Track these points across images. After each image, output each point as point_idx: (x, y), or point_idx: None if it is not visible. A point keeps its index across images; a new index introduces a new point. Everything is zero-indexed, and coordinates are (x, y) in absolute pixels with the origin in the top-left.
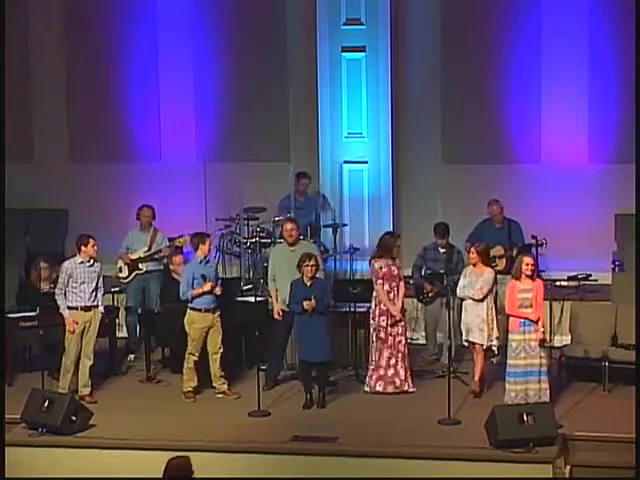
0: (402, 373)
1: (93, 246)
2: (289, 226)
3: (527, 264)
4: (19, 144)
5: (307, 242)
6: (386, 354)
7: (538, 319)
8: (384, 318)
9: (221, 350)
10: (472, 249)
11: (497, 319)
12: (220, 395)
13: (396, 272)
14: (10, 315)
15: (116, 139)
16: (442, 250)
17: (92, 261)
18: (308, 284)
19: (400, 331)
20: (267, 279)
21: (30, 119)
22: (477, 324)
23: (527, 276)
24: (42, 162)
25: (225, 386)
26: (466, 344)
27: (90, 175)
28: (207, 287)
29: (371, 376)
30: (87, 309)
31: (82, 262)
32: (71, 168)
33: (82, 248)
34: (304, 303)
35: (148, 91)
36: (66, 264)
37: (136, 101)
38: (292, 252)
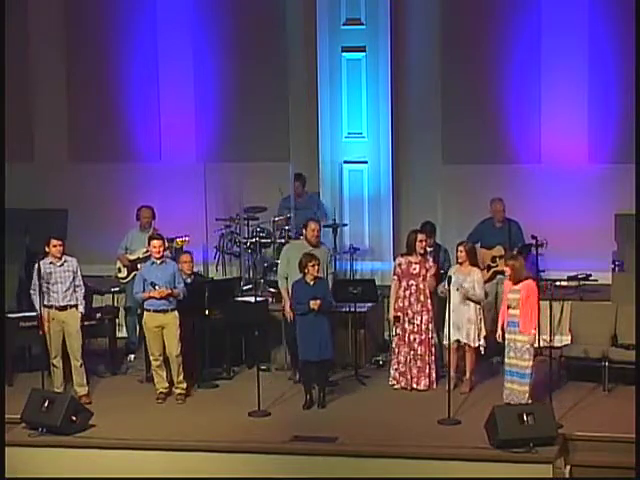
0: (414, 371)
1: (55, 246)
2: (314, 226)
3: (506, 266)
4: (19, 144)
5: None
6: (404, 350)
7: (529, 321)
8: (400, 314)
9: (179, 353)
10: (460, 247)
11: (484, 318)
12: (179, 398)
13: (417, 270)
14: (10, 315)
15: (116, 139)
16: (429, 249)
17: (62, 261)
18: (312, 284)
19: (415, 329)
20: (266, 279)
21: (30, 119)
22: (464, 324)
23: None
24: (42, 162)
25: (182, 390)
26: (446, 342)
27: (90, 175)
28: (154, 294)
29: (395, 369)
30: (62, 309)
31: (51, 262)
32: (71, 168)
33: (46, 248)
34: (311, 302)
35: (148, 91)
36: (39, 264)
37: (136, 101)
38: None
